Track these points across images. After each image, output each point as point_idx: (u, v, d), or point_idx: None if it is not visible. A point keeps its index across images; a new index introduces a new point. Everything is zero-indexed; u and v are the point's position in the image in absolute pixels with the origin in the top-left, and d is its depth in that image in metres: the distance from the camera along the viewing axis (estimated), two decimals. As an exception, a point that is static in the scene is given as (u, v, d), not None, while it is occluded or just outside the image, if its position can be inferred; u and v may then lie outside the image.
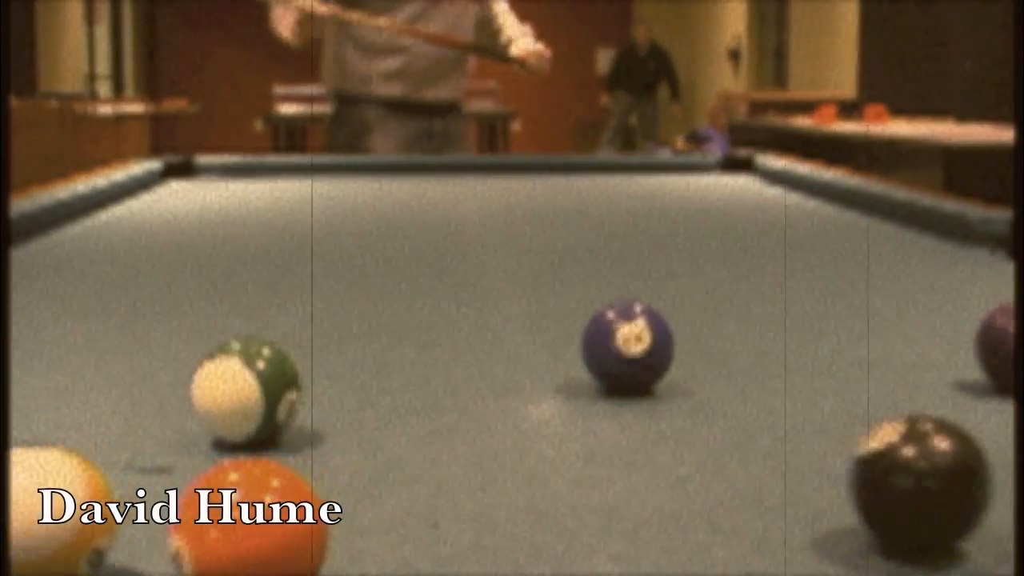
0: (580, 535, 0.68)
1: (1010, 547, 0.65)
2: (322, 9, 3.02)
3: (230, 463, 0.58)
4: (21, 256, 1.70)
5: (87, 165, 2.92)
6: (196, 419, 0.85)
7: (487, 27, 3.32)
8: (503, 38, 3.29)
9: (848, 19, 9.03)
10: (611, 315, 0.95)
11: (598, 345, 0.95)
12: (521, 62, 3.21)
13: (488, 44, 3.32)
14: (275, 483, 0.56)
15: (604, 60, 12.25)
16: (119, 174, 2.46)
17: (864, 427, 0.89)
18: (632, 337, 0.94)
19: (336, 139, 3.25)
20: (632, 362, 0.94)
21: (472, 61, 3.33)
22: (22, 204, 1.90)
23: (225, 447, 0.83)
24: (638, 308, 0.96)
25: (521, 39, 3.26)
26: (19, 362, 1.08)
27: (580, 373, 1.04)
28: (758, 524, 0.69)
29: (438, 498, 0.73)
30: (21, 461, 0.58)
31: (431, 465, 0.80)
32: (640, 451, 0.83)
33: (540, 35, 3.29)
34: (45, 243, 1.84)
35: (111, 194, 2.32)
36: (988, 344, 0.97)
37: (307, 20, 3.03)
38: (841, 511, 0.71)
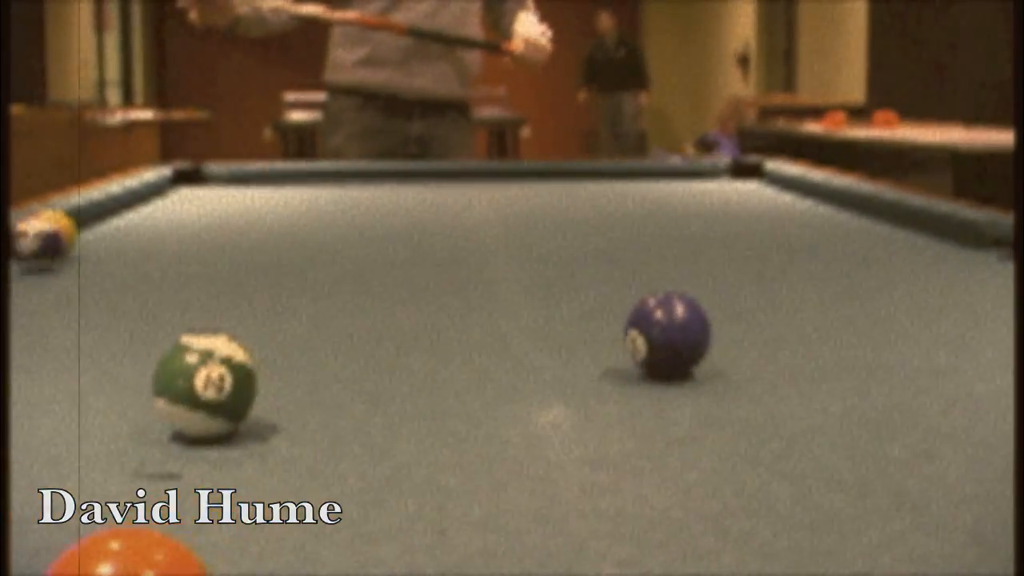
0: (588, 541, 0.68)
1: (1010, 547, 0.65)
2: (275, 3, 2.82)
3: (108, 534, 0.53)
4: (30, 262, 1.70)
5: (97, 173, 2.92)
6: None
7: (506, 31, 3.04)
8: (510, 34, 2.98)
9: (857, 23, 9.03)
10: (652, 302, 1.04)
11: (649, 310, 1.03)
12: (510, 53, 2.91)
13: (468, 36, 3.01)
14: (158, 557, 0.51)
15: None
16: (129, 181, 2.46)
17: (872, 432, 0.89)
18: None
19: (323, 132, 3.15)
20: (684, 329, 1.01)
21: (477, 61, 3.07)
22: (32, 210, 1.90)
23: (229, 452, 0.83)
24: (676, 298, 1.04)
25: (523, 34, 2.91)
26: (28, 367, 1.09)
27: (588, 379, 1.05)
28: (766, 530, 0.69)
29: (446, 504, 0.73)
30: None
31: (439, 471, 0.80)
32: (648, 456, 0.83)
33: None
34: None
35: (121, 201, 2.32)
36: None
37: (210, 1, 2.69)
38: (850, 516, 0.71)
